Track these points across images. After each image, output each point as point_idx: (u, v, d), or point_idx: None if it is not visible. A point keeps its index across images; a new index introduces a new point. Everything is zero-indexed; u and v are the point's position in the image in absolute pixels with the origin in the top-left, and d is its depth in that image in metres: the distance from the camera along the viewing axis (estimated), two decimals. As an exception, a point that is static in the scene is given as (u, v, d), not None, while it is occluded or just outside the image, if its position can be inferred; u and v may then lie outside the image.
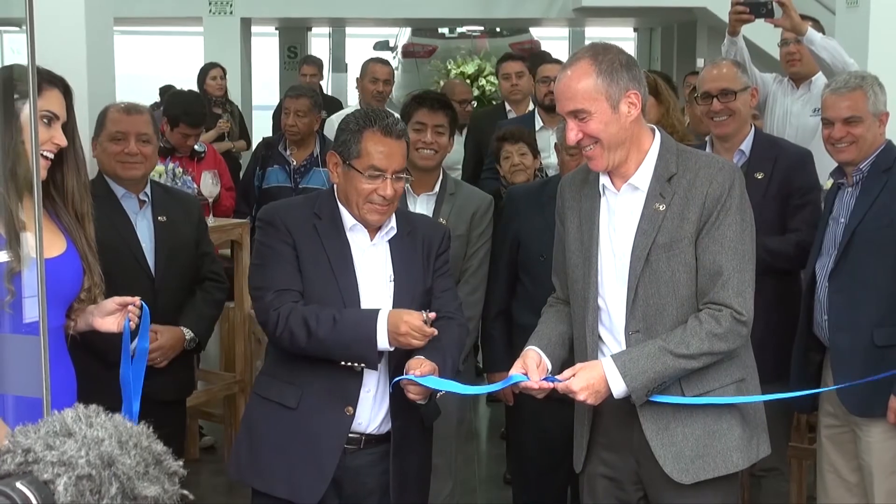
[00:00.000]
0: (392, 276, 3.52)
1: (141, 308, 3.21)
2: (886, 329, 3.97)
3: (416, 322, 3.29)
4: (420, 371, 3.30)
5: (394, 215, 3.56)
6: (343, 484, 3.51)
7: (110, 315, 3.18)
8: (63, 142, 3.08)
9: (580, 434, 3.52)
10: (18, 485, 1.34)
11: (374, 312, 3.35)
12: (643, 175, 3.30)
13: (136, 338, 3.20)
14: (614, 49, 3.32)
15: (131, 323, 3.16)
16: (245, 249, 5.87)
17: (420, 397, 3.36)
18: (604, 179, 3.36)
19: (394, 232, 3.56)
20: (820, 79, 5.77)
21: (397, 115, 3.79)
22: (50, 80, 3.09)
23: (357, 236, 3.53)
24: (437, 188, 4.65)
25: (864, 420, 4.15)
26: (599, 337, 3.36)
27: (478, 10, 13.71)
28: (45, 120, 3.04)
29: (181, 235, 4.38)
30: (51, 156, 3.06)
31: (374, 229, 3.54)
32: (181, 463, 1.47)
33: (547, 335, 3.48)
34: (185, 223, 4.42)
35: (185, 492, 1.47)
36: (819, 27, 5.81)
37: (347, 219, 3.52)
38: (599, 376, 3.19)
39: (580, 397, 3.20)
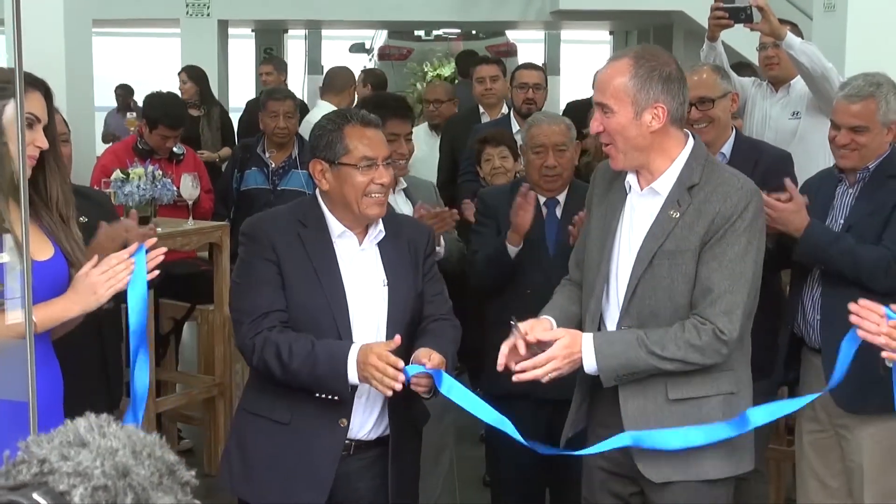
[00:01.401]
0: (385, 281, 3.51)
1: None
2: None
3: (384, 354, 3.23)
4: (430, 363, 3.28)
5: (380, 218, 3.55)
6: (335, 491, 3.48)
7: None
8: (44, 144, 3.07)
9: (574, 409, 3.57)
10: (35, 496, 1.34)
11: (346, 347, 3.32)
12: (666, 181, 3.33)
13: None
14: (663, 59, 3.34)
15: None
16: (225, 251, 5.85)
17: (425, 390, 3.35)
18: (630, 178, 3.40)
19: (382, 235, 3.55)
20: (799, 82, 5.80)
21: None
22: (31, 83, 3.06)
23: (346, 242, 3.50)
24: (403, 182, 4.70)
25: (852, 421, 4.17)
26: (603, 325, 3.41)
27: (456, 12, 13.73)
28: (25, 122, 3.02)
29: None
30: (33, 156, 3.05)
31: (363, 234, 3.52)
32: (193, 473, 1.47)
33: (559, 308, 3.54)
34: (103, 221, 4.38)
35: (198, 502, 1.47)
36: (797, 31, 5.84)
37: (335, 226, 3.49)
38: (578, 343, 3.26)
39: (555, 365, 3.24)
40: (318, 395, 3.39)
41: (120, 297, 3.14)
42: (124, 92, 12.36)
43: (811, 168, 4.83)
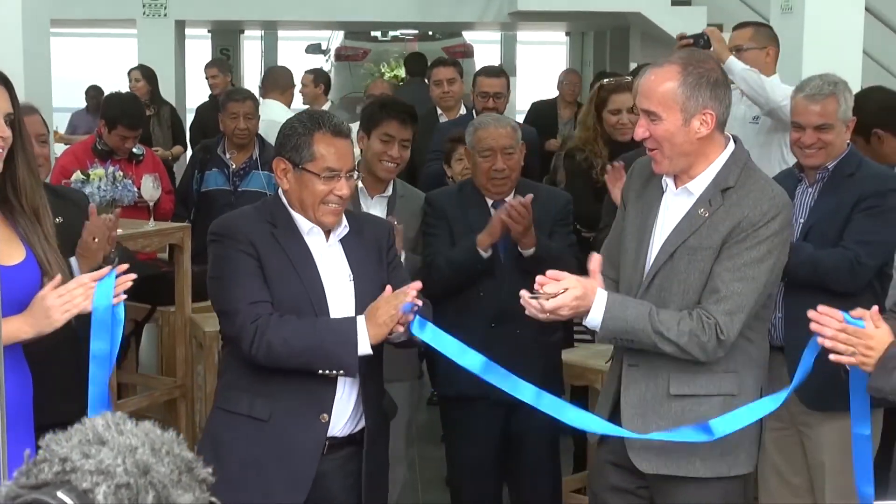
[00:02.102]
0: (351, 276, 3.52)
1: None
2: None
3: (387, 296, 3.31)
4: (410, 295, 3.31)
5: (344, 215, 3.57)
6: (310, 492, 3.47)
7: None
8: (4, 132, 3.05)
9: (604, 406, 3.58)
10: (60, 494, 1.34)
11: (352, 319, 3.36)
12: (701, 182, 3.36)
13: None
14: (709, 64, 3.36)
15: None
16: (186, 253, 5.82)
17: (403, 325, 3.36)
18: (666, 177, 3.42)
19: (346, 231, 3.57)
20: None
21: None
22: None
23: (314, 239, 3.52)
24: (389, 190, 4.69)
25: (814, 419, 4.22)
26: None
27: (414, 13, 13.72)
28: None
29: (80, 235, 4.31)
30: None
31: (328, 230, 3.54)
32: (210, 470, 1.48)
33: None
34: (81, 222, 4.35)
35: (214, 499, 1.47)
36: (770, 33, 5.90)
37: (303, 223, 3.50)
38: (591, 295, 3.25)
39: (561, 312, 3.23)
40: (320, 371, 3.38)
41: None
42: (96, 93, 12.32)
43: (767, 173, 4.89)
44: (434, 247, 4.66)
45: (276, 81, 8.85)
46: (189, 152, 9.60)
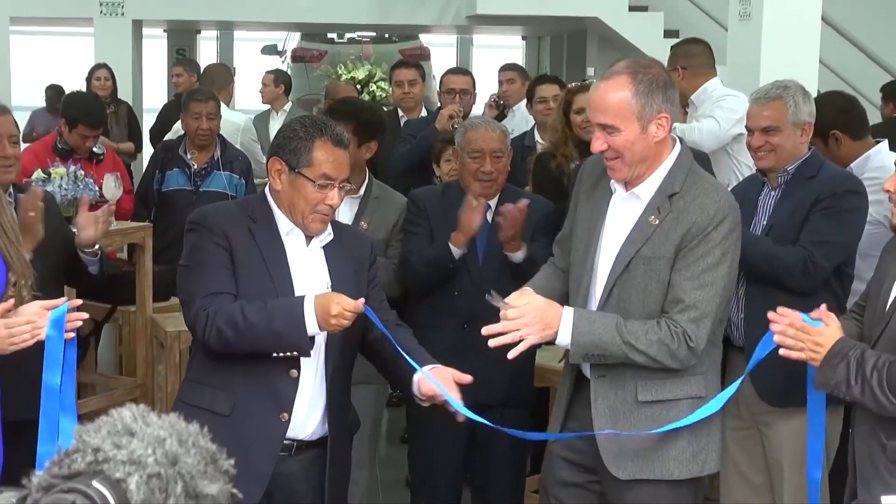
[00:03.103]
0: (329, 283, 3.52)
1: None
2: None
3: (349, 302, 3.28)
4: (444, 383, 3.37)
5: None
6: (273, 492, 3.48)
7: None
8: None
9: (560, 404, 3.61)
10: (95, 483, 1.36)
11: (301, 298, 3.34)
12: (649, 187, 3.39)
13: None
14: (656, 68, 3.38)
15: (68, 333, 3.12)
16: (147, 253, 5.81)
17: (428, 403, 3.44)
18: (615, 181, 3.44)
19: (330, 238, 3.57)
20: (702, 95, 5.97)
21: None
22: None
23: (293, 241, 3.52)
24: (362, 191, 4.69)
25: (773, 417, 4.27)
26: None
27: (372, 15, 13.72)
28: None
29: (48, 233, 4.31)
30: None
31: (310, 236, 3.54)
32: (232, 462, 1.50)
33: (540, 285, 3.56)
34: (48, 220, 4.32)
35: (235, 490, 1.50)
36: (679, 51, 6.02)
37: (284, 223, 3.51)
38: (556, 315, 3.28)
39: (523, 321, 3.24)
40: (275, 354, 3.38)
41: None
42: (55, 92, 12.25)
43: (720, 180, 4.97)
44: (412, 244, 4.67)
45: (213, 80, 8.83)
46: (146, 151, 9.60)
